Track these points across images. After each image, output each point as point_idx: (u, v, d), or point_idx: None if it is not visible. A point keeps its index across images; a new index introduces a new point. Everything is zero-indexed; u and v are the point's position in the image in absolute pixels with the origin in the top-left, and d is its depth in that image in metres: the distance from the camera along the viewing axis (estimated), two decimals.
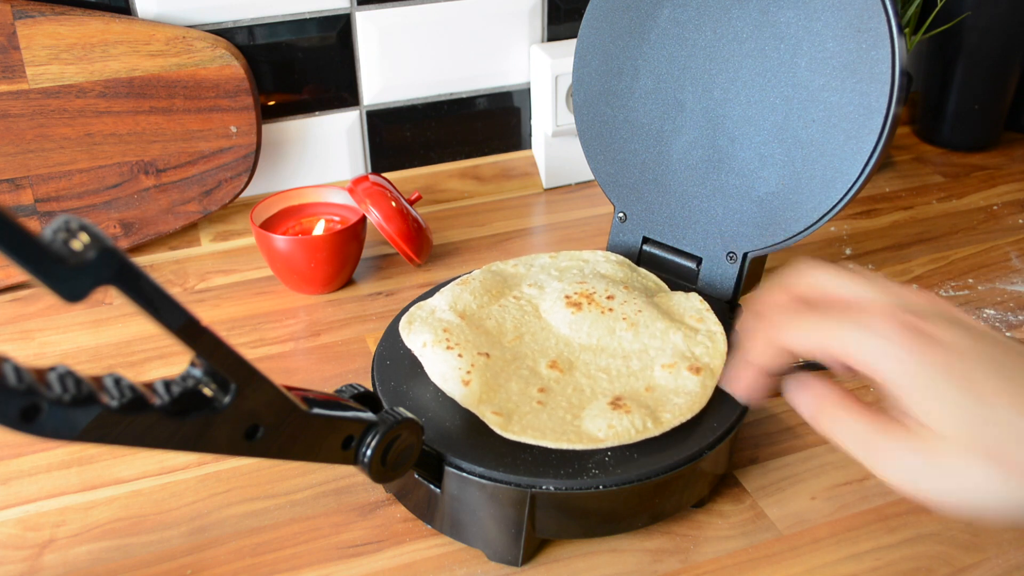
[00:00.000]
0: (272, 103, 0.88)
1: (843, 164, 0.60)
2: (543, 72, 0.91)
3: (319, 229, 0.80)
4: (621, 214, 0.72)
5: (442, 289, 0.64)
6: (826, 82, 0.60)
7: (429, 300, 0.63)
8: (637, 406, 0.53)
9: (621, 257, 0.69)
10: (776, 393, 0.55)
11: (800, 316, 0.40)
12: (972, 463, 0.34)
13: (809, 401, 0.41)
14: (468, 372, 0.55)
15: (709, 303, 0.64)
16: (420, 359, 0.58)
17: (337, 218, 0.82)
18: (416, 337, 0.59)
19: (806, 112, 0.61)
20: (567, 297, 0.62)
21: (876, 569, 0.53)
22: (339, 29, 0.87)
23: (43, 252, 0.32)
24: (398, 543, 0.55)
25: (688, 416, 0.53)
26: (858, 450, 0.38)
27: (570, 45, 0.92)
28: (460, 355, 0.56)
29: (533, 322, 0.61)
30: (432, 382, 0.58)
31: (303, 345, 0.74)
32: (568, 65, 0.89)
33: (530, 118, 0.98)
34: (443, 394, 0.57)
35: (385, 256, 0.86)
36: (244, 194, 0.88)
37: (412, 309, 0.62)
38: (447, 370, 0.56)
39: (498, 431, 0.52)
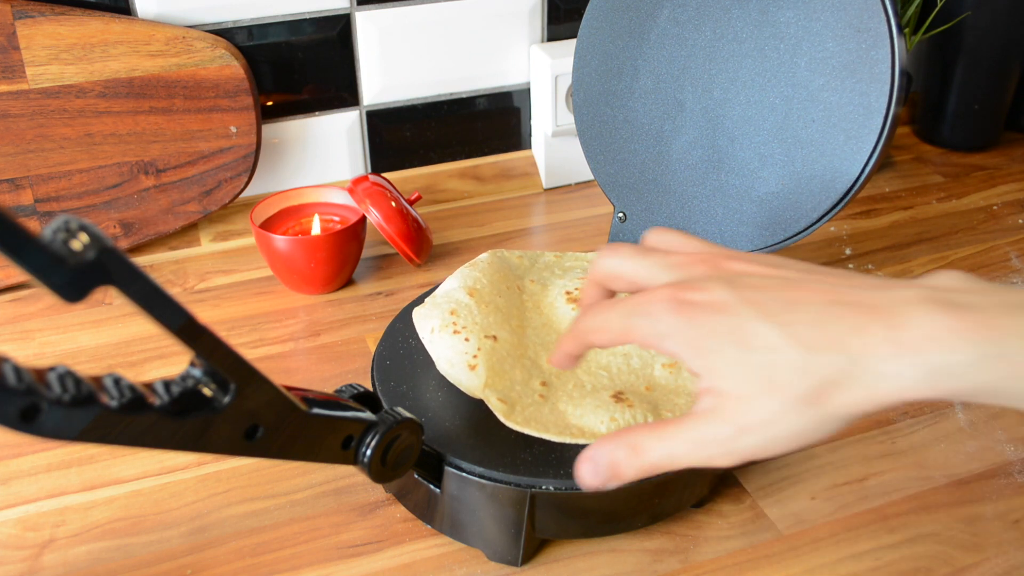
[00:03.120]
0: (272, 103, 0.88)
1: (843, 164, 0.60)
2: (543, 72, 0.91)
3: (319, 229, 0.80)
4: (621, 214, 0.72)
5: (452, 275, 0.63)
6: (826, 82, 0.60)
7: (440, 287, 0.62)
8: (639, 401, 0.53)
9: None
10: None
11: (595, 313, 0.41)
12: (757, 404, 0.36)
13: (605, 460, 0.40)
14: (474, 356, 0.55)
15: None
16: (428, 348, 0.57)
17: (337, 218, 0.82)
18: (425, 323, 0.58)
19: (806, 112, 0.61)
20: (567, 293, 0.62)
21: (876, 569, 0.53)
22: (339, 29, 0.87)
23: (43, 252, 0.32)
24: (398, 543, 0.55)
25: None
26: (679, 449, 0.38)
27: (570, 45, 0.92)
28: (467, 339, 0.56)
29: (534, 317, 0.61)
30: (432, 382, 0.58)
31: (303, 345, 0.74)
32: (568, 65, 0.89)
33: (530, 118, 0.98)
34: (443, 394, 0.57)
35: (385, 256, 0.86)
36: (244, 194, 0.88)
37: (427, 299, 0.62)
38: (453, 355, 0.55)
39: (501, 418, 0.52)
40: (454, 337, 0.56)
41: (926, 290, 0.36)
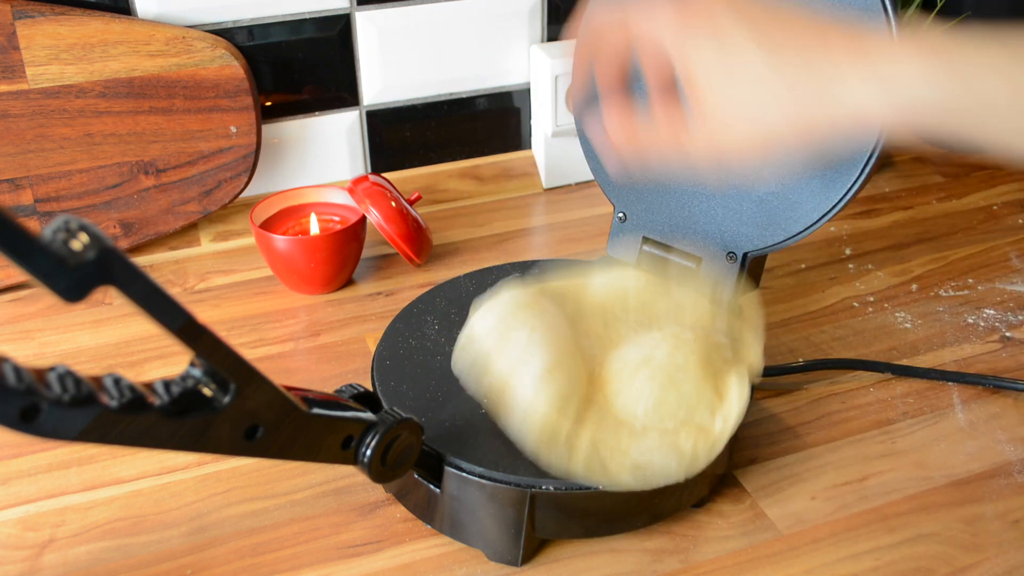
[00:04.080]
0: (272, 103, 0.88)
1: (843, 164, 0.60)
2: (543, 72, 0.91)
3: (318, 229, 0.80)
4: (621, 214, 0.72)
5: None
6: None
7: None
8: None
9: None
10: (777, 392, 0.54)
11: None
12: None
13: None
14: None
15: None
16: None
17: (337, 218, 0.82)
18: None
19: None
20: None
21: (876, 569, 0.53)
22: (339, 29, 0.87)
23: (43, 252, 0.32)
24: (398, 543, 0.55)
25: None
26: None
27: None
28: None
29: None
30: (432, 382, 0.58)
31: (303, 345, 0.74)
32: (568, 65, 0.89)
33: (530, 118, 0.98)
34: (443, 394, 0.57)
35: (385, 256, 0.86)
36: (244, 194, 0.88)
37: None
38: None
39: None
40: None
41: None
